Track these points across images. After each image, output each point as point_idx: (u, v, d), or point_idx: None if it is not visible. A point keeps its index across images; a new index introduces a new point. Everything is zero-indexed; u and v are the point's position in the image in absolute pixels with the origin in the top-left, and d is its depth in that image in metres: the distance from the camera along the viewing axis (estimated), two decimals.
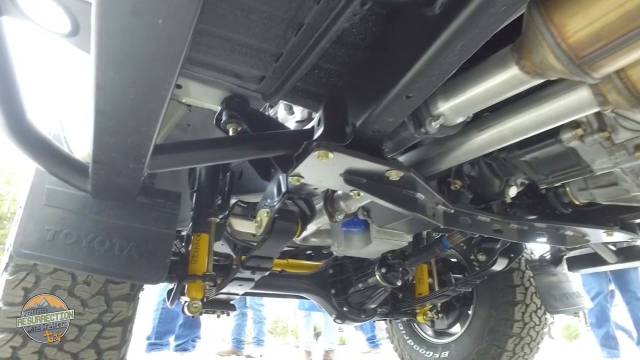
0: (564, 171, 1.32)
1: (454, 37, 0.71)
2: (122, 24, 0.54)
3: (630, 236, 1.75)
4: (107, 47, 0.58)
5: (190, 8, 0.52)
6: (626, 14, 0.62)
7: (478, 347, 2.68)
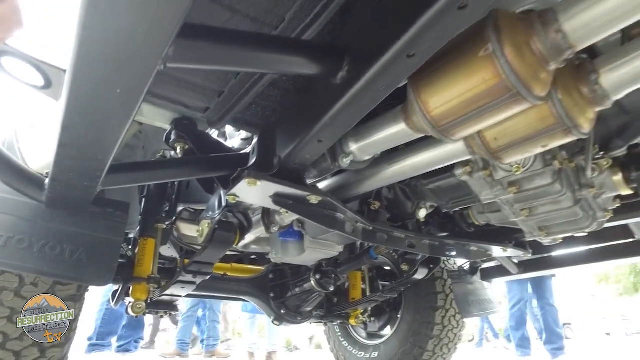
0: (459, 199, 1.59)
1: (349, 102, 0.93)
2: (89, 90, 0.71)
3: (522, 252, 2.07)
4: (75, 103, 0.74)
5: (142, 81, 0.70)
6: (466, 101, 0.87)
7: (403, 348, 2.95)
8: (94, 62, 0.66)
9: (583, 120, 0.98)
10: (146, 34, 0.62)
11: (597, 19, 0.76)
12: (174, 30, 0.62)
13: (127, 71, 0.66)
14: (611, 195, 1.56)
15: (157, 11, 0.58)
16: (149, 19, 0.59)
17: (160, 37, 0.61)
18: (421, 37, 0.75)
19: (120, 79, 0.68)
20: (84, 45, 0.63)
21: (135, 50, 0.62)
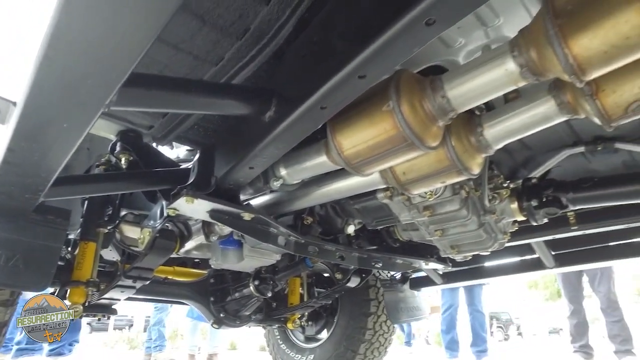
0: (382, 218, 1.78)
1: (275, 138, 1.07)
2: (37, 123, 0.80)
3: (442, 265, 2.30)
4: (22, 131, 0.83)
5: (87, 121, 0.81)
6: (372, 145, 1.04)
7: (337, 351, 3.13)
8: (44, 102, 0.76)
9: (472, 164, 1.18)
10: (94, 84, 0.73)
11: (472, 91, 0.95)
12: (120, 82, 0.73)
13: (74, 113, 0.76)
14: (510, 220, 1.80)
15: (106, 66, 0.70)
16: (98, 73, 0.70)
17: (106, 88, 0.73)
18: (331, 95, 0.91)
19: (67, 117, 0.78)
20: (36, 87, 0.73)
21: (83, 98, 0.72)
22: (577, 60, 0.78)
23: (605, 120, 0.95)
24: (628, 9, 0.70)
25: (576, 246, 2.52)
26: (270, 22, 1.08)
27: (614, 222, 2.09)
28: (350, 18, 0.89)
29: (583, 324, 5.00)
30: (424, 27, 0.74)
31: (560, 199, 1.68)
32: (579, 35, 0.76)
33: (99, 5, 0.58)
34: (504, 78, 0.91)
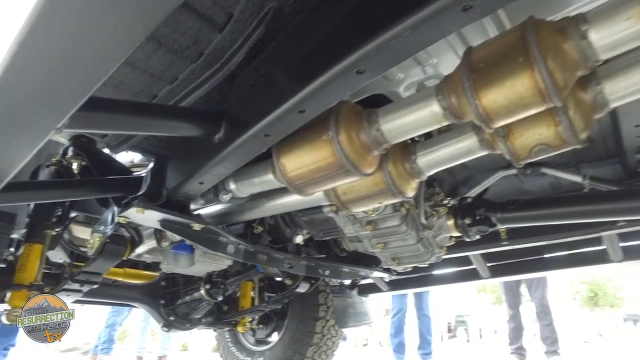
0: (328, 231, 1.88)
1: (224, 158, 1.14)
2: None
3: (387, 274, 2.44)
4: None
5: (37, 142, 0.85)
6: (313, 170, 1.13)
7: (285, 354, 3.20)
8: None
9: (406, 188, 1.30)
10: (46, 107, 0.78)
11: (403, 126, 1.06)
12: (74, 109, 0.78)
13: (25, 135, 0.81)
14: (447, 236, 1.95)
15: (60, 95, 0.75)
16: (50, 101, 0.75)
17: (58, 114, 0.78)
18: (274, 125, 0.99)
19: (18, 137, 0.82)
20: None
21: (33, 123, 0.77)
22: (486, 111, 0.90)
23: (514, 159, 1.09)
24: (523, 74, 0.83)
25: (512, 258, 2.73)
26: (224, 48, 1.15)
27: (540, 239, 2.30)
28: (293, 57, 0.98)
29: (519, 327, 5.36)
30: (355, 75, 0.84)
31: (490, 218, 1.84)
32: (488, 90, 0.88)
33: (58, 42, 0.64)
34: (430, 118, 1.03)
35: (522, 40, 0.84)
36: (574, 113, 0.98)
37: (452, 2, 0.69)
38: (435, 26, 0.75)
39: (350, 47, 0.81)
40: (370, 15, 0.81)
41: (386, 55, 0.80)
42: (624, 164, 1.96)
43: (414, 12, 0.73)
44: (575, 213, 1.75)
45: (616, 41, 0.79)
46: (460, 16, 0.72)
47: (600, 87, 0.97)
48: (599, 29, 0.80)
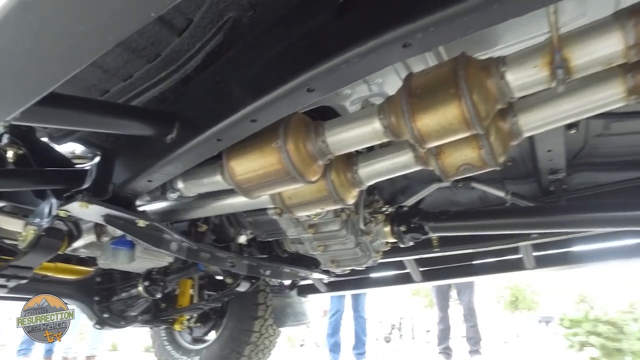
0: (272, 232, 1.95)
1: (174, 159, 1.18)
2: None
3: (326, 276, 2.54)
4: None
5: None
6: (260, 175, 1.20)
7: (222, 353, 3.21)
8: None
9: (347, 196, 1.40)
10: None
11: (346, 140, 1.16)
12: (27, 105, 0.79)
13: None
14: (383, 241, 2.09)
15: (18, 91, 0.76)
16: (5, 97, 0.76)
17: (10, 109, 0.79)
18: (226, 131, 1.05)
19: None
20: None
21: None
22: (420, 132, 1.02)
23: (444, 175, 1.23)
24: (452, 104, 0.95)
25: (443, 264, 2.94)
26: (181, 51, 1.18)
27: (467, 247, 2.51)
28: (249, 69, 1.04)
29: (447, 329, 5.72)
30: (305, 92, 0.92)
31: (423, 227, 1.99)
32: (422, 115, 1.00)
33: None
34: (372, 134, 1.13)
35: (454, 74, 0.97)
36: (494, 139, 1.12)
37: (395, 39, 0.79)
38: (380, 57, 0.85)
39: (303, 66, 0.89)
40: (324, 39, 0.90)
41: (335, 77, 0.89)
42: (540, 183, 2.20)
43: (362, 43, 0.82)
44: (496, 225, 1.95)
45: (526, 84, 0.94)
46: (402, 51, 0.82)
47: (516, 118, 1.12)
48: (514, 72, 0.94)
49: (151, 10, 0.59)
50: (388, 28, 0.78)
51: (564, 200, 2.12)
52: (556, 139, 1.80)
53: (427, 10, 0.75)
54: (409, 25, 0.76)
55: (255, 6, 1.08)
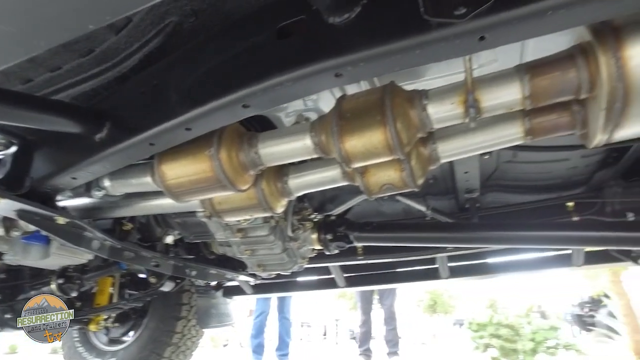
0: (200, 234, 1.94)
1: (102, 159, 1.15)
2: None
3: (252, 279, 2.56)
4: None
5: None
6: (192, 181, 1.20)
7: (141, 354, 3.10)
8: None
9: (276, 205, 1.44)
10: None
11: (278, 153, 1.20)
12: None
13: None
14: (310, 248, 2.16)
15: None
16: None
17: None
18: (160, 136, 1.05)
19: None
20: None
21: None
22: (347, 153, 1.09)
23: (367, 192, 1.31)
24: (378, 130, 1.04)
25: (366, 271, 3.07)
26: (117, 50, 1.16)
27: (389, 256, 2.66)
28: (187, 77, 1.05)
29: (369, 331, 5.96)
30: (240, 108, 0.96)
31: (348, 236, 2.09)
32: (350, 137, 1.07)
33: None
34: (303, 150, 1.19)
35: (381, 102, 1.05)
36: (414, 163, 1.23)
37: (328, 68, 0.86)
38: (314, 82, 0.90)
39: (240, 83, 0.93)
40: (262, 59, 0.94)
41: (270, 96, 0.93)
42: (457, 200, 2.40)
43: (298, 68, 0.88)
44: (416, 238, 2.09)
45: (444, 117, 1.04)
46: (333, 80, 0.88)
47: (435, 146, 1.23)
48: (434, 106, 1.04)
49: (89, 23, 0.59)
50: (323, 58, 0.84)
51: (477, 217, 2.33)
52: (472, 163, 1.98)
53: (358, 47, 0.81)
54: (341, 58, 0.83)
55: (197, 13, 1.10)
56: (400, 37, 0.77)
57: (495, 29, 0.73)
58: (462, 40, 0.75)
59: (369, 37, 0.80)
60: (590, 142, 1.07)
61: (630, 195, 2.11)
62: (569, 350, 7.73)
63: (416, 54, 0.79)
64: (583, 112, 1.04)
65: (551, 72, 0.93)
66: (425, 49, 0.78)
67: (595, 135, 1.02)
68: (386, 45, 0.79)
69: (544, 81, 0.94)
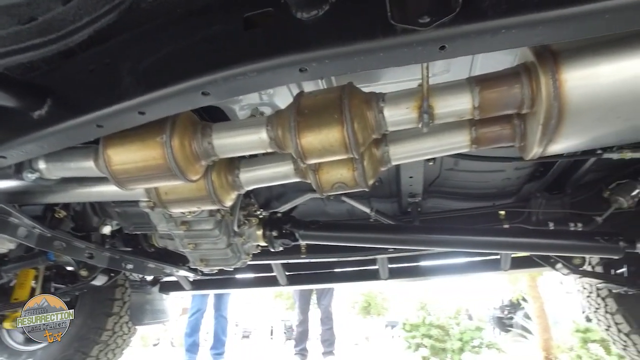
0: (141, 225, 1.86)
1: (41, 138, 1.07)
2: None
3: (192, 274, 2.49)
4: None
5: None
6: (140, 167, 1.15)
7: (64, 354, 2.89)
8: None
9: (225, 198, 1.41)
10: None
11: (232, 145, 1.19)
12: None
13: None
14: (254, 244, 2.14)
15: None
16: None
17: None
18: (110, 118, 1.00)
19: None
20: None
21: None
22: (303, 149, 1.10)
23: (319, 190, 1.33)
24: (335, 128, 1.06)
25: (308, 270, 3.09)
26: (64, 22, 1.08)
27: (332, 256, 2.71)
28: (144, 59, 1.00)
29: (305, 331, 5.98)
30: (200, 95, 0.93)
31: (294, 234, 2.10)
32: (307, 134, 1.08)
33: None
34: (257, 143, 1.18)
35: (340, 101, 1.07)
36: (367, 164, 1.26)
37: (293, 63, 0.86)
38: (278, 76, 0.90)
39: (201, 69, 0.90)
40: (226, 47, 0.92)
41: (232, 86, 0.92)
42: (400, 203, 2.49)
43: (263, 60, 0.87)
44: (361, 238, 2.15)
45: (398, 121, 1.09)
46: (298, 74, 0.89)
47: (387, 148, 1.28)
48: (390, 109, 1.08)
49: None
50: (288, 52, 0.84)
51: (418, 221, 2.43)
52: (417, 168, 2.07)
53: (324, 44, 0.83)
54: (307, 53, 0.83)
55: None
56: (367, 38, 0.80)
57: (455, 40, 0.77)
58: (424, 47, 0.79)
59: (335, 35, 0.81)
60: (527, 154, 1.16)
61: (552, 207, 2.31)
62: (491, 349, 8.31)
63: (380, 56, 0.82)
64: (523, 126, 1.13)
65: (499, 86, 1.01)
66: (389, 52, 0.81)
67: (532, 148, 1.10)
68: (352, 45, 0.80)
69: (492, 94, 1.01)
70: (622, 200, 2.12)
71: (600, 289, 2.70)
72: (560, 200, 2.25)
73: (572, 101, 0.95)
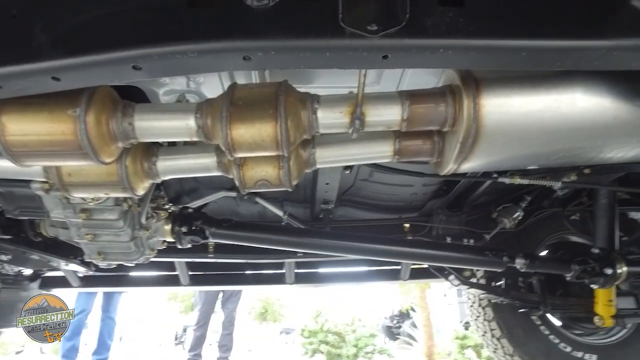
0: (29, 210, 1.64)
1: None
2: None
3: (85, 268, 2.26)
4: None
5: None
6: (43, 141, 1.02)
7: None
8: None
9: (138, 186, 1.31)
10: None
11: (156, 129, 1.11)
12: None
13: None
14: (161, 239, 2.01)
15: None
16: None
17: None
18: (13, 79, 0.87)
19: None
20: None
21: None
22: (233, 141, 1.07)
23: (241, 186, 1.30)
24: (269, 123, 1.04)
25: (214, 270, 2.98)
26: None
27: (240, 257, 2.65)
28: (66, 19, 0.89)
29: (203, 336, 5.74)
30: (130, 69, 0.86)
31: (204, 231, 2.01)
32: (239, 125, 1.05)
33: None
34: (184, 130, 1.12)
35: (275, 97, 1.06)
36: (293, 164, 1.26)
37: (238, 49, 0.83)
38: (219, 60, 0.87)
39: (136, 40, 0.83)
40: (167, 22, 0.85)
41: (169, 63, 0.86)
42: (312, 209, 2.52)
43: (207, 41, 0.83)
44: (273, 240, 2.13)
45: (330, 124, 1.11)
46: (240, 62, 0.86)
47: (314, 150, 1.29)
48: (324, 111, 1.09)
49: None
50: (235, 37, 0.81)
51: (329, 228, 2.48)
52: (335, 175, 2.12)
53: (273, 35, 0.81)
54: (254, 42, 0.81)
55: None
56: (316, 36, 0.80)
57: (398, 51, 0.81)
58: (369, 54, 0.82)
59: (285, 28, 0.81)
60: (442, 170, 1.26)
61: (450, 223, 2.53)
62: (382, 355, 8.80)
63: (326, 56, 0.83)
64: (442, 143, 1.22)
65: (427, 102, 1.08)
66: (336, 53, 0.82)
67: (448, 164, 1.20)
68: (301, 40, 0.80)
69: (421, 109, 1.08)
70: (506, 221, 2.40)
71: (482, 299, 3.01)
72: (458, 218, 2.48)
73: (487, 124, 1.05)
